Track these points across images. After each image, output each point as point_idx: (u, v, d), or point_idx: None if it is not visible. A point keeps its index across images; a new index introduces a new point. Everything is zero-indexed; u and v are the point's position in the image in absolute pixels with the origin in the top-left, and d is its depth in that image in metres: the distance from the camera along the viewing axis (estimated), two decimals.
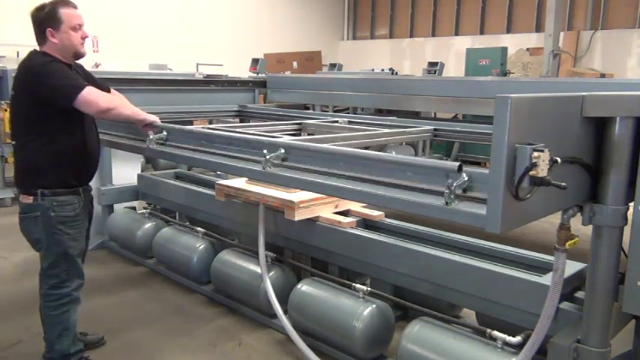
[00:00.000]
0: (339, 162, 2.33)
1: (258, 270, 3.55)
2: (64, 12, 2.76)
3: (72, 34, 2.78)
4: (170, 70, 9.93)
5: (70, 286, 2.91)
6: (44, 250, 2.86)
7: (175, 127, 3.17)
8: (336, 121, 4.83)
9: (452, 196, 1.89)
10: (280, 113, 5.69)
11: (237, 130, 3.46)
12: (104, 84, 3.16)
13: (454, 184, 1.86)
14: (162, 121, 3.19)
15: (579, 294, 2.59)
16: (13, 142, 2.88)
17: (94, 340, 3.35)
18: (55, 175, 2.82)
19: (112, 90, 3.26)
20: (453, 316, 3.20)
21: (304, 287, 3.37)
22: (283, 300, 3.41)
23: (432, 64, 10.86)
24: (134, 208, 5.19)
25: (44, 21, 2.77)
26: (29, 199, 2.82)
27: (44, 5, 2.79)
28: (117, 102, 2.87)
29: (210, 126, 3.89)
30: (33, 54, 2.84)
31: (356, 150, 2.37)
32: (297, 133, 4.49)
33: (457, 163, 1.86)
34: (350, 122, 4.77)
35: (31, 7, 2.85)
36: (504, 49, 11.04)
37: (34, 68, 2.75)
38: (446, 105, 5.07)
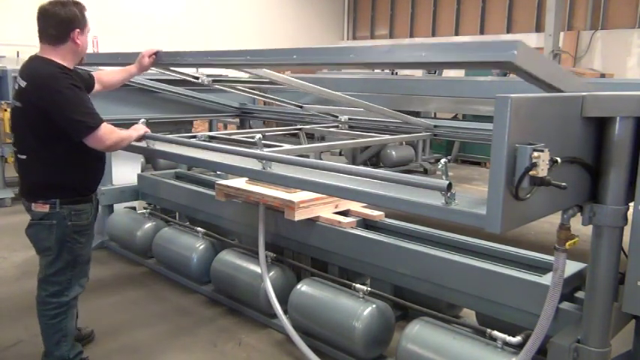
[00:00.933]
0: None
1: (258, 270, 3.55)
2: (86, 15, 2.66)
3: (87, 39, 2.72)
4: None
5: (69, 296, 2.86)
6: (53, 257, 2.77)
7: (160, 136, 3.20)
8: (337, 126, 4.85)
9: (451, 196, 1.89)
10: (280, 111, 5.70)
11: (232, 137, 3.48)
12: (90, 77, 3.06)
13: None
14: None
15: (579, 294, 2.59)
16: (24, 157, 2.72)
17: (87, 334, 3.35)
18: (73, 185, 2.77)
19: (95, 74, 3.16)
20: (453, 316, 3.20)
21: (304, 287, 3.37)
22: (283, 300, 3.41)
23: None
24: (134, 208, 5.19)
25: (73, 21, 2.59)
26: (45, 208, 2.71)
27: (67, 2, 2.60)
28: (117, 136, 2.75)
29: (201, 134, 3.90)
30: (42, 64, 2.62)
31: (340, 165, 2.37)
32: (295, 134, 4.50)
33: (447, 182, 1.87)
34: (350, 127, 4.79)
35: (30, 7, 2.77)
36: None
37: (49, 88, 2.56)
38: (446, 105, 5.07)
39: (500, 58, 1.80)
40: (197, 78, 4.51)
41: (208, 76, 4.60)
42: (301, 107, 5.19)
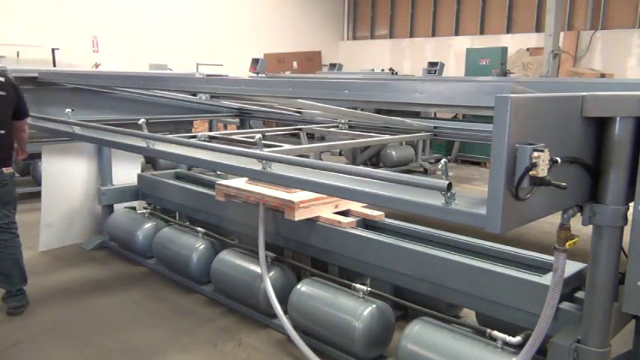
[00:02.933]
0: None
1: (258, 270, 3.55)
2: None
3: None
4: (170, 70, 9.94)
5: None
6: (15, 201, 3.82)
7: (160, 136, 3.21)
8: (337, 126, 4.85)
9: (451, 196, 1.89)
10: (280, 112, 5.70)
11: (232, 137, 3.47)
12: None
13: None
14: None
15: (579, 294, 2.59)
16: (2, 131, 3.65)
17: None
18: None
19: None
20: (453, 316, 3.20)
21: (304, 287, 3.37)
22: (283, 300, 3.41)
23: (432, 64, 10.88)
24: (134, 208, 5.19)
25: None
26: (11, 169, 3.72)
27: None
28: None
29: (201, 134, 3.90)
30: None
31: (340, 165, 2.37)
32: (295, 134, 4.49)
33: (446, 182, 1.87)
34: (350, 127, 4.79)
35: (30, 8, 2.84)
36: (504, 49, 11.06)
37: (16, 85, 3.82)
38: (446, 108, 5.06)
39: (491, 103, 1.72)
40: (195, 95, 4.51)
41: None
42: (300, 113, 5.20)
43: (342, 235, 3.44)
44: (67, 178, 3.49)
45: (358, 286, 3.16)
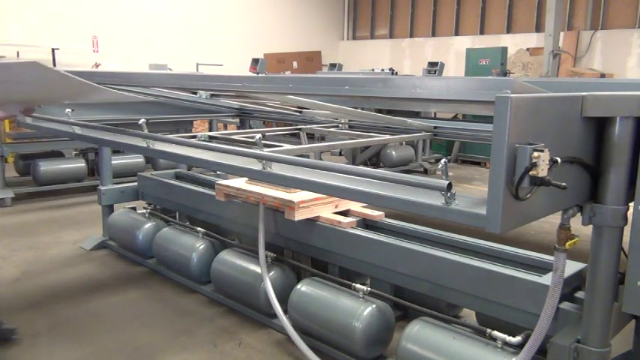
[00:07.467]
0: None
1: (258, 270, 3.56)
2: None
3: None
4: (170, 70, 9.93)
5: None
6: None
7: (160, 136, 3.20)
8: (337, 126, 4.85)
9: (451, 196, 1.89)
10: (280, 111, 5.70)
11: (232, 137, 3.48)
12: None
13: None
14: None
15: (579, 294, 2.59)
16: None
17: (4, 332, 3.37)
18: None
19: None
20: (453, 316, 3.20)
21: (304, 287, 3.38)
22: (283, 300, 3.42)
23: (432, 64, 10.87)
24: (134, 208, 5.19)
25: None
26: None
27: None
28: None
29: (201, 134, 3.90)
30: None
31: (340, 165, 2.37)
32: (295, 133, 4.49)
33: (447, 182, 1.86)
34: (350, 127, 4.79)
35: (30, 7, 2.82)
36: (504, 49, 11.06)
37: None
38: (446, 105, 5.05)
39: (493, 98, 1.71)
40: (195, 93, 4.50)
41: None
42: (300, 112, 5.20)
43: (342, 235, 3.44)
44: None
45: (358, 286, 3.17)
